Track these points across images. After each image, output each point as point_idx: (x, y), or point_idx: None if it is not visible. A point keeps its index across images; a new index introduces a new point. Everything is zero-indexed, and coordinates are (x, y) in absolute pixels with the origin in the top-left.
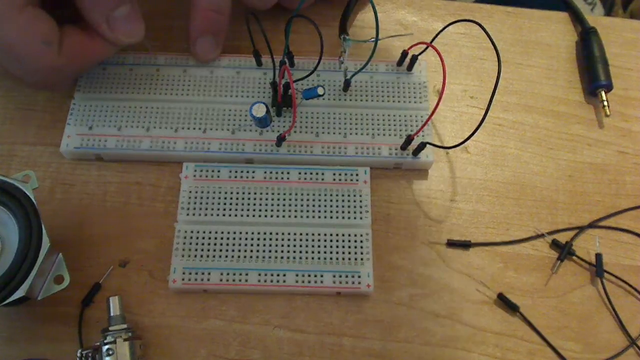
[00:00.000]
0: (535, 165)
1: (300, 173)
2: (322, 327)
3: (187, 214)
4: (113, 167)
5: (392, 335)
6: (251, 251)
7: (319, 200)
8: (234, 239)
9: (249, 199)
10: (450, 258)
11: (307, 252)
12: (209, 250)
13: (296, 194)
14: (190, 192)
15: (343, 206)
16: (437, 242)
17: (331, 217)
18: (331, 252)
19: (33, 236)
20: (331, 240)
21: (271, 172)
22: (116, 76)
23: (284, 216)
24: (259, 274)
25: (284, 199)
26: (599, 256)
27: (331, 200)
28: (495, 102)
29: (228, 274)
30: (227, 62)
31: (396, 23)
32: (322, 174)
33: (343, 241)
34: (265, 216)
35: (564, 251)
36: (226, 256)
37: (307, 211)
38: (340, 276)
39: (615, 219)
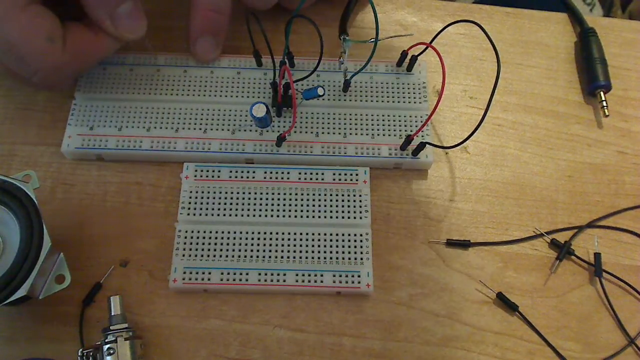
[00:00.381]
0: (535, 166)
1: (300, 173)
2: (322, 327)
3: (188, 214)
4: (113, 167)
5: (392, 335)
6: (251, 251)
7: (319, 200)
8: (234, 238)
9: (249, 199)
10: (449, 258)
11: (307, 251)
12: (209, 250)
13: (296, 194)
14: (190, 192)
15: (343, 206)
16: (437, 241)
17: (331, 217)
18: (331, 252)
19: (34, 236)
20: (331, 240)
21: (271, 172)
22: (116, 76)
23: (284, 216)
24: (259, 274)
25: (284, 199)
26: (597, 256)
27: (331, 200)
28: (494, 102)
29: (228, 273)
30: (227, 62)
31: (396, 23)
32: (322, 174)
33: (343, 241)
34: (265, 216)
35: (563, 251)
36: (226, 256)
37: (307, 211)
38: (340, 276)
39: (614, 219)
